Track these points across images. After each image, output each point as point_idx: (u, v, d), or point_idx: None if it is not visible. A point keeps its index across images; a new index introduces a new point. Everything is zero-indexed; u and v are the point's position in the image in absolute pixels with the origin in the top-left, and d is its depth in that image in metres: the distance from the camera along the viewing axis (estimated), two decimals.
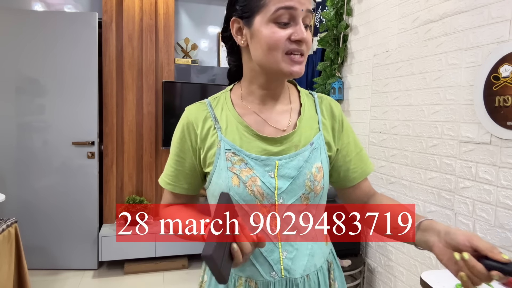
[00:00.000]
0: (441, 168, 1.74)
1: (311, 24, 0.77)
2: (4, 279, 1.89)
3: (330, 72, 2.68)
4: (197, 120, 0.82)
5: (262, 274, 0.78)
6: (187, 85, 3.18)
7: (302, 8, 0.72)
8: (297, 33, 0.72)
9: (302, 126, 0.82)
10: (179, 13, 3.35)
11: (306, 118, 0.84)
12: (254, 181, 0.76)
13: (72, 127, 2.91)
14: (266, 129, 0.81)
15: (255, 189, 0.76)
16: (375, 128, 2.27)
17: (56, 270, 2.96)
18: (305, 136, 0.81)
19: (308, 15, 0.74)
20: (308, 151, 0.80)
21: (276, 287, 0.78)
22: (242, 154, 0.78)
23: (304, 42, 0.73)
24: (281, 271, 0.77)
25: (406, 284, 1.99)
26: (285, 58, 0.73)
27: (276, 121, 0.82)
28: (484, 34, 1.51)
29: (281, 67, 0.74)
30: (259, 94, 0.82)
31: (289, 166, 0.78)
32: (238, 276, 0.80)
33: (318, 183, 0.80)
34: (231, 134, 0.79)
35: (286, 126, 0.81)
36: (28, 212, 2.89)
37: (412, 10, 1.94)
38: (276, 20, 0.72)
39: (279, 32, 0.72)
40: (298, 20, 0.72)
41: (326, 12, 2.63)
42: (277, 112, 0.83)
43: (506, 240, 1.41)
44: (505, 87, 1.40)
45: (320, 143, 0.82)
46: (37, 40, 2.83)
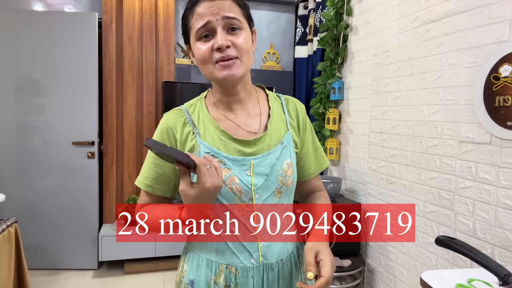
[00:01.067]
0: (441, 168, 1.74)
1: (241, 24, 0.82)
2: (4, 279, 1.89)
3: (330, 72, 2.68)
4: (176, 126, 0.89)
5: (242, 261, 0.86)
6: (187, 85, 3.18)
7: (217, 18, 0.80)
8: (216, 42, 0.80)
9: (272, 128, 0.91)
10: (179, 13, 3.35)
11: (275, 119, 0.92)
12: (232, 179, 0.84)
13: (72, 127, 2.92)
14: (240, 132, 0.89)
15: (234, 187, 0.84)
16: (375, 128, 2.27)
17: (56, 270, 2.96)
18: (275, 136, 0.90)
19: (229, 21, 0.81)
20: (279, 150, 0.89)
21: (254, 272, 0.86)
22: (221, 156, 0.85)
23: (230, 46, 0.80)
24: (259, 257, 0.87)
25: (406, 284, 1.99)
26: (216, 66, 0.82)
27: (248, 124, 0.90)
28: (484, 34, 1.51)
29: (215, 75, 0.83)
30: (225, 101, 0.90)
31: (263, 165, 0.86)
32: (219, 264, 0.86)
33: (289, 178, 0.89)
34: (209, 138, 0.87)
35: (257, 129, 0.90)
36: (28, 212, 2.89)
37: (412, 10, 1.94)
38: (199, 38, 0.82)
39: (203, 46, 0.82)
40: (217, 29, 0.80)
41: (326, 12, 2.63)
42: (248, 116, 0.91)
43: (506, 240, 1.41)
44: (505, 87, 1.40)
45: (289, 142, 0.92)
46: (37, 40, 2.83)
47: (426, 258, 1.84)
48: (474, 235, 1.56)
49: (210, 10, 0.80)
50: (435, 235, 1.76)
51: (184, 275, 0.91)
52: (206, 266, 0.88)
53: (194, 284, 0.88)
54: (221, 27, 0.80)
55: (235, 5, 0.83)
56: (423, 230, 1.85)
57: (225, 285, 0.86)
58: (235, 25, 0.81)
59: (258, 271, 0.86)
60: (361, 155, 2.42)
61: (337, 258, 2.21)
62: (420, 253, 1.87)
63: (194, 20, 0.82)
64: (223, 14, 0.80)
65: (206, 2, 0.81)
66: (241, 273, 0.86)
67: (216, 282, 0.86)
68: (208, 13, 0.80)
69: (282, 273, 0.89)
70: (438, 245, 1.12)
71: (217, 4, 0.80)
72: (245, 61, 0.83)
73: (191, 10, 0.83)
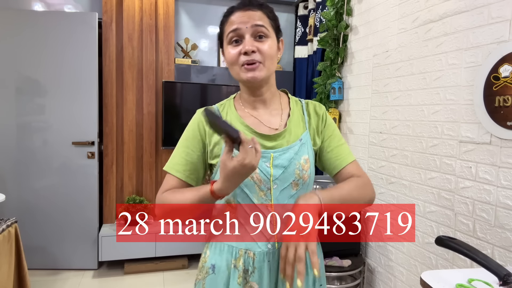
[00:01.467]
0: (441, 168, 1.74)
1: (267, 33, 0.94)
2: (4, 279, 1.89)
3: (330, 72, 2.68)
4: None
5: (260, 246, 0.94)
6: (187, 85, 3.18)
7: (247, 25, 0.92)
8: (243, 47, 0.91)
9: (291, 126, 1.00)
10: (179, 13, 3.36)
11: (294, 119, 1.02)
12: None
13: (72, 127, 2.91)
14: (262, 128, 0.98)
15: (254, 176, 0.92)
16: (375, 128, 2.27)
17: (56, 270, 2.96)
18: (294, 133, 1.00)
19: (257, 29, 0.92)
20: (298, 146, 0.98)
21: (271, 257, 0.94)
22: None
23: (255, 51, 0.91)
24: (276, 243, 0.94)
25: (406, 284, 1.99)
26: (242, 69, 0.93)
27: (269, 121, 1.00)
28: (484, 34, 1.51)
29: (241, 76, 0.94)
30: (251, 101, 1.01)
31: (282, 158, 0.95)
32: (239, 249, 0.94)
33: (305, 172, 0.96)
34: None
35: (278, 126, 1.00)
36: (28, 212, 2.89)
37: (412, 10, 1.94)
38: (230, 42, 0.94)
39: (232, 50, 0.94)
40: (245, 36, 0.92)
41: (326, 12, 2.63)
42: (270, 115, 1.01)
43: (506, 240, 1.41)
44: (505, 87, 1.40)
45: (307, 140, 1.00)
46: (37, 40, 2.83)
47: (426, 258, 1.84)
48: (474, 235, 1.56)
49: (241, 19, 0.92)
50: (435, 235, 1.76)
51: (207, 260, 0.99)
52: (227, 251, 0.95)
53: (215, 268, 0.96)
54: (249, 34, 0.92)
55: (265, 16, 0.95)
56: (423, 230, 1.85)
57: (244, 269, 0.93)
58: (262, 33, 0.93)
59: (274, 256, 0.94)
60: (361, 155, 2.42)
61: (337, 258, 2.21)
62: (420, 253, 1.87)
63: (227, 26, 0.94)
64: (252, 22, 0.92)
65: (240, 12, 0.93)
66: (259, 257, 0.93)
67: (236, 266, 0.94)
68: (239, 21, 0.92)
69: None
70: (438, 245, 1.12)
71: (249, 14, 0.93)
72: (267, 65, 0.93)
73: (227, 18, 0.96)
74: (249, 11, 0.93)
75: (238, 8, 0.94)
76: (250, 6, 0.94)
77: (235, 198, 0.94)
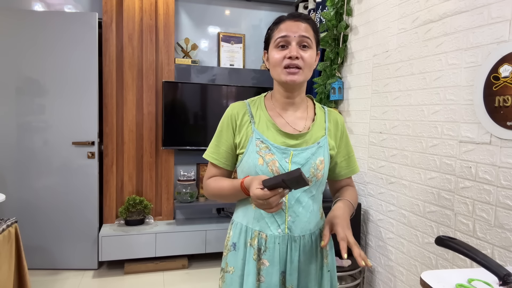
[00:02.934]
0: (441, 168, 1.74)
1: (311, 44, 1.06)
2: (4, 279, 1.89)
3: (330, 72, 2.69)
4: (238, 113, 1.14)
5: (272, 229, 1.08)
6: (187, 85, 3.18)
7: (295, 35, 1.04)
8: (289, 52, 1.04)
9: (313, 129, 1.13)
10: (179, 13, 3.36)
11: (317, 124, 1.15)
12: (274, 163, 1.06)
13: (72, 127, 2.91)
14: (287, 128, 1.12)
15: (274, 168, 1.06)
16: (375, 128, 2.27)
17: (56, 270, 2.96)
18: (314, 137, 1.12)
19: (303, 39, 1.05)
20: (315, 148, 1.10)
21: (281, 240, 1.08)
22: (268, 143, 1.08)
23: (298, 58, 1.03)
24: (285, 229, 1.08)
25: (406, 284, 1.99)
26: (284, 71, 1.06)
27: (295, 123, 1.13)
28: (484, 34, 1.51)
29: (281, 77, 1.06)
30: (282, 102, 1.14)
31: (300, 156, 1.08)
32: (254, 230, 1.10)
33: (319, 171, 1.09)
34: (261, 128, 1.11)
35: (302, 128, 1.13)
36: (28, 212, 2.89)
37: (412, 10, 1.94)
38: (277, 46, 1.06)
39: (279, 54, 1.06)
40: (292, 43, 1.04)
41: (326, 12, 2.63)
42: (297, 117, 1.14)
43: (506, 240, 1.41)
44: (505, 87, 1.40)
45: (324, 144, 1.13)
46: (37, 40, 2.83)
47: (426, 258, 1.84)
48: (474, 235, 1.56)
49: (291, 27, 1.04)
50: (435, 235, 1.76)
51: (230, 239, 1.16)
52: (246, 232, 1.11)
53: (236, 246, 1.13)
54: (296, 42, 1.04)
55: (311, 29, 1.07)
56: (423, 230, 1.85)
57: (258, 248, 1.08)
58: (306, 43, 1.05)
59: (283, 240, 1.08)
60: (361, 155, 2.42)
61: (337, 258, 2.21)
62: (420, 253, 1.87)
63: (277, 32, 1.06)
64: (300, 33, 1.04)
65: (290, 21, 1.05)
66: (270, 239, 1.08)
67: (251, 245, 1.09)
68: (289, 29, 1.04)
69: (303, 246, 1.09)
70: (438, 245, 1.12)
71: (298, 24, 1.05)
72: (305, 72, 1.06)
73: (277, 25, 1.07)
74: (299, 22, 1.05)
75: (289, 18, 1.06)
76: (300, 18, 1.06)
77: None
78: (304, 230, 1.10)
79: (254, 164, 1.07)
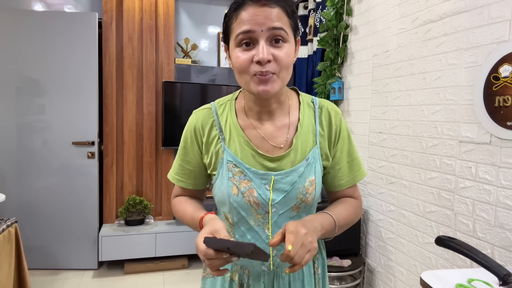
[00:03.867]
0: (441, 168, 1.74)
1: (286, 37, 0.77)
2: (4, 279, 1.89)
3: (330, 72, 2.68)
4: (204, 128, 0.89)
5: (255, 266, 0.89)
6: (187, 85, 3.18)
7: (262, 29, 0.73)
8: (257, 55, 0.74)
9: (298, 143, 0.86)
10: (179, 13, 3.36)
11: (303, 132, 0.87)
12: (251, 192, 0.84)
13: (72, 127, 2.92)
14: (265, 145, 0.86)
15: (252, 199, 0.84)
16: (375, 128, 2.27)
17: (56, 270, 2.96)
18: (301, 152, 0.86)
19: (275, 32, 0.74)
20: (303, 167, 0.85)
21: (265, 278, 0.89)
22: (242, 166, 0.84)
23: (271, 61, 0.74)
24: (271, 266, 0.88)
25: (406, 284, 1.99)
26: (254, 78, 0.76)
27: (274, 137, 0.86)
28: (484, 34, 1.51)
29: (251, 87, 0.78)
30: (256, 110, 0.87)
31: (284, 181, 0.84)
32: (235, 264, 0.91)
33: (309, 195, 0.86)
34: (233, 146, 0.86)
35: (283, 143, 0.86)
36: (28, 212, 2.89)
37: (412, 10, 1.94)
38: (238, 45, 0.77)
39: (242, 56, 0.76)
40: (259, 41, 0.74)
41: (326, 12, 2.63)
42: (275, 127, 0.87)
43: (506, 240, 1.41)
44: (505, 87, 1.40)
45: (315, 157, 0.87)
46: (37, 40, 2.83)
47: (426, 258, 1.83)
48: (474, 235, 1.56)
49: (255, 18, 0.73)
50: (435, 235, 1.76)
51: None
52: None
53: (215, 277, 0.93)
54: (265, 38, 0.74)
55: (284, 14, 0.76)
56: (423, 230, 1.85)
57: (240, 283, 0.91)
58: (280, 37, 0.75)
59: (269, 277, 0.89)
60: (361, 155, 2.42)
61: (337, 258, 2.21)
62: (420, 253, 1.87)
63: (237, 24, 0.76)
64: (269, 25, 0.73)
65: (253, 8, 0.74)
66: (253, 276, 0.90)
67: (232, 279, 0.91)
68: (253, 22, 0.73)
69: (293, 281, 0.90)
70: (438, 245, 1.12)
71: (265, 12, 0.73)
72: (282, 76, 0.78)
73: (235, 13, 0.76)
74: (266, 7, 0.74)
75: (252, 1, 0.75)
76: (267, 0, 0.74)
77: (232, 217, 0.88)
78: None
79: (227, 193, 0.84)
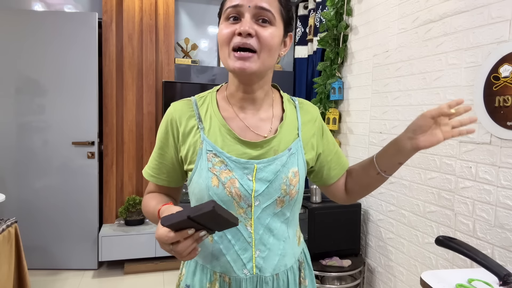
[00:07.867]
0: (441, 168, 1.74)
1: (273, 20, 0.78)
2: (4, 279, 1.89)
3: (330, 72, 2.68)
4: (181, 118, 0.85)
5: (236, 270, 0.81)
6: (187, 85, 3.18)
7: (249, 4, 0.75)
8: (239, 27, 0.75)
9: (282, 132, 0.85)
10: (179, 13, 3.36)
11: (287, 124, 0.87)
12: (232, 182, 0.79)
13: (72, 127, 2.91)
14: (248, 134, 0.83)
15: (233, 190, 0.79)
16: (375, 128, 2.27)
17: (56, 270, 2.96)
18: (284, 141, 0.84)
19: (261, 12, 0.76)
20: (286, 156, 0.83)
21: (247, 284, 0.81)
22: (223, 156, 0.80)
23: (252, 35, 0.75)
24: (253, 269, 0.81)
25: (406, 284, 1.99)
26: (231, 54, 0.77)
27: (257, 127, 0.85)
28: (484, 34, 1.51)
29: (228, 63, 0.78)
30: (239, 97, 0.85)
31: (266, 170, 0.81)
32: (213, 271, 0.83)
33: (293, 187, 0.83)
34: (213, 136, 0.82)
35: (267, 132, 0.84)
36: (28, 212, 2.89)
37: (412, 10, 1.94)
38: (227, 18, 0.78)
39: (226, 29, 0.77)
40: (245, 15, 0.76)
41: (326, 12, 2.63)
42: (260, 118, 0.86)
43: (506, 240, 1.41)
44: (505, 87, 1.40)
45: (298, 149, 0.85)
46: (37, 40, 2.83)
47: (426, 258, 1.83)
48: (474, 235, 1.56)
49: None
50: (435, 235, 1.76)
51: (182, 279, 0.89)
52: (202, 272, 0.84)
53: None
54: (251, 15, 0.76)
55: (276, 0, 0.78)
56: (423, 230, 1.85)
57: None
58: (266, 18, 0.77)
59: (251, 283, 0.81)
60: (361, 155, 2.42)
61: (337, 258, 2.21)
62: (420, 253, 1.87)
63: (228, 1, 0.78)
64: (257, 3, 0.75)
65: None
66: (234, 283, 0.81)
67: None
68: None
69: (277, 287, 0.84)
70: (438, 245, 1.12)
71: None
72: (263, 57, 0.77)
73: None
74: None
75: None
76: None
77: None
78: (278, 267, 0.83)
79: (206, 186, 0.79)
